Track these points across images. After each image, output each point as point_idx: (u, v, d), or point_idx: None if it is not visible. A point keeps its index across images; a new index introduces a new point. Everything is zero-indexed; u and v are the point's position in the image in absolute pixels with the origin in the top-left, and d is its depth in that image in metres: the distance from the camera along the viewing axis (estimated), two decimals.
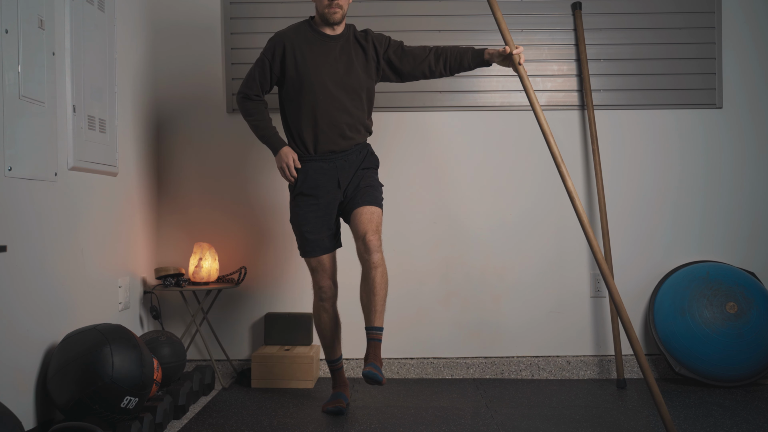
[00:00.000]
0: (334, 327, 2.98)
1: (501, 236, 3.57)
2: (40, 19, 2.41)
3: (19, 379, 2.29)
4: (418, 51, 2.91)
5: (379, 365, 2.72)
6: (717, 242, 3.55)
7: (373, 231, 2.76)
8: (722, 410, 2.90)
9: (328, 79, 2.83)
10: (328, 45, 2.86)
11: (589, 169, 3.56)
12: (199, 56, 3.58)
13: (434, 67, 2.90)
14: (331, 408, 2.88)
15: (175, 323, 3.56)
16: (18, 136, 2.27)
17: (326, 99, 2.83)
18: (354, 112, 2.87)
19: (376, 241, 2.75)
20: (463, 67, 2.90)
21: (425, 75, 2.94)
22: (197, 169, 3.59)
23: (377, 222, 2.80)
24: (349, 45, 2.89)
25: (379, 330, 2.79)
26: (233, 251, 3.58)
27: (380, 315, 2.78)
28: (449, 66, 2.90)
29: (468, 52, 2.87)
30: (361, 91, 2.88)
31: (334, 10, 2.80)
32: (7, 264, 2.22)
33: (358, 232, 2.79)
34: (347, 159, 2.88)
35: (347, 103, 2.85)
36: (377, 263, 2.74)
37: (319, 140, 2.86)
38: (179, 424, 2.76)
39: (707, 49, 3.55)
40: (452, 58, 2.88)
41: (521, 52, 2.72)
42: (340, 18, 2.84)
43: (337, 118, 2.84)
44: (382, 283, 2.76)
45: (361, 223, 2.78)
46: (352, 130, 2.88)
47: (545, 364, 3.54)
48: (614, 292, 2.53)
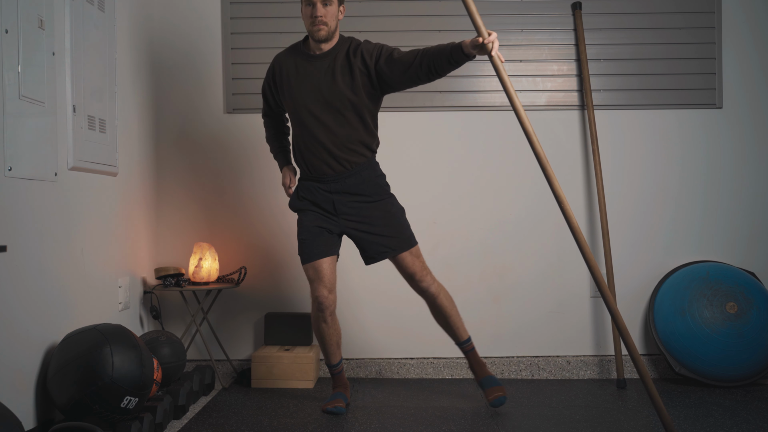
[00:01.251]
0: (333, 336, 2.96)
1: (501, 236, 3.57)
2: (40, 19, 2.41)
3: (19, 379, 2.29)
4: (407, 57, 2.70)
5: (488, 373, 2.99)
6: (717, 242, 3.56)
7: (420, 270, 2.89)
8: (722, 410, 2.90)
9: (310, 101, 2.82)
10: (315, 65, 2.82)
11: (589, 169, 3.56)
12: (199, 56, 3.58)
13: (420, 71, 2.67)
14: (331, 408, 2.88)
15: (175, 323, 3.56)
16: (18, 136, 2.27)
17: (310, 120, 2.83)
18: (339, 131, 2.81)
19: (426, 276, 2.91)
20: (443, 64, 2.62)
21: (414, 81, 2.73)
22: (197, 169, 3.59)
23: (418, 256, 2.91)
24: (336, 62, 2.79)
25: (469, 340, 3.03)
26: (233, 251, 3.58)
27: (462, 328, 3.00)
28: (433, 67, 2.64)
29: (447, 47, 2.61)
30: (346, 109, 2.80)
31: (318, 27, 2.75)
32: (7, 264, 2.22)
33: (406, 274, 2.92)
34: (344, 182, 2.84)
35: (331, 123, 2.81)
36: (436, 292, 2.92)
37: (310, 162, 2.87)
38: (179, 424, 2.76)
39: (707, 49, 3.55)
40: (435, 58, 2.63)
41: (494, 39, 2.42)
42: (326, 35, 2.77)
43: (321, 138, 2.82)
44: (449, 305, 2.96)
45: (406, 267, 2.89)
46: (342, 151, 2.82)
47: (545, 364, 3.54)
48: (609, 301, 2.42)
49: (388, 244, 2.86)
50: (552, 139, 3.55)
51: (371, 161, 2.90)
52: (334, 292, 2.88)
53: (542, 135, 3.56)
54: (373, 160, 2.92)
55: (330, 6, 2.75)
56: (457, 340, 3.01)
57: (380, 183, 2.91)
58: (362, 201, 2.86)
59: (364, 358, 3.55)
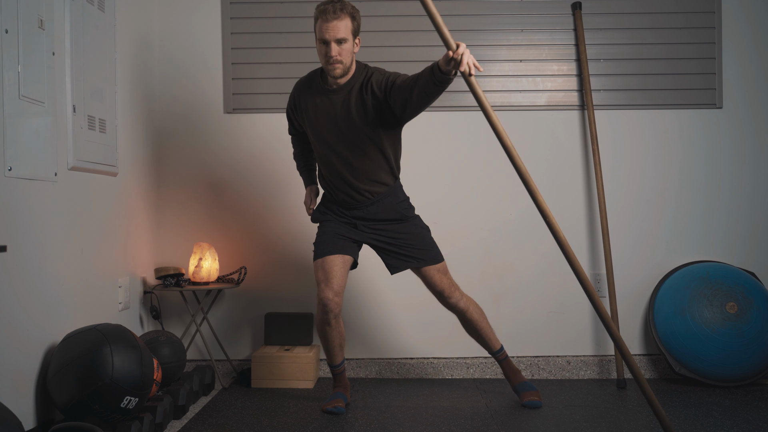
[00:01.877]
0: (336, 339, 2.95)
1: (501, 236, 3.57)
2: (40, 19, 2.41)
3: (19, 379, 2.29)
4: (406, 86, 2.59)
5: (523, 379, 3.04)
6: (717, 242, 3.55)
7: (447, 288, 2.93)
8: (722, 410, 2.90)
9: (330, 136, 2.82)
10: (331, 99, 2.80)
11: (589, 169, 3.56)
12: (199, 56, 3.58)
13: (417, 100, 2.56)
14: (331, 408, 2.88)
15: (175, 323, 3.56)
16: (18, 136, 2.27)
17: (330, 155, 2.84)
18: (360, 166, 2.81)
19: (454, 292, 2.94)
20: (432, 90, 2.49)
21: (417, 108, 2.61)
22: (197, 169, 3.59)
23: (446, 273, 2.94)
24: (351, 97, 2.76)
25: (501, 350, 3.07)
26: (233, 251, 3.58)
27: (494, 339, 3.05)
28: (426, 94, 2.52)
29: (429, 70, 2.47)
30: (364, 143, 2.78)
31: (333, 66, 2.71)
32: (7, 264, 2.22)
33: (434, 291, 2.96)
34: (366, 210, 2.88)
35: (351, 158, 2.81)
36: (465, 307, 2.97)
37: (332, 191, 2.91)
38: (179, 424, 2.76)
39: (707, 49, 3.55)
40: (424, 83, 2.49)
41: (463, 51, 2.27)
42: (341, 72, 2.72)
43: (341, 170, 2.84)
44: (480, 317, 3.01)
45: (435, 285, 2.93)
46: (363, 183, 2.83)
47: (545, 364, 3.54)
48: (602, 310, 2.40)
49: (413, 255, 2.90)
50: (552, 139, 3.55)
51: (393, 188, 2.91)
52: (341, 296, 2.85)
53: (542, 135, 3.56)
54: (396, 187, 2.92)
55: (345, 44, 2.69)
56: (490, 350, 3.06)
57: (402, 208, 2.92)
58: (385, 225, 2.90)
59: (364, 358, 3.55)
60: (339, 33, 2.67)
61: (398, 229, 2.89)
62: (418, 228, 2.93)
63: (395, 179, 2.92)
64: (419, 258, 2.90)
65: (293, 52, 3.53)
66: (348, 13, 2.69)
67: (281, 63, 3.55)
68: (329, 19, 2.66)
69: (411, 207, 2.97)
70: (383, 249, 2.93)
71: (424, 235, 2.93)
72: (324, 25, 2.67)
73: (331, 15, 2.66)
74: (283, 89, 3.54)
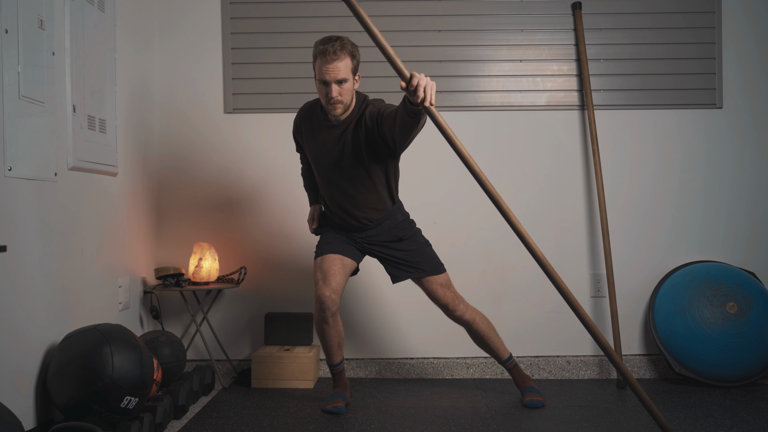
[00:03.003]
0: (335, 337, 2.95)
1: (501, 236, 3.57)
2: (40, 19, 2.41)
3: (19, 379, 2.29)
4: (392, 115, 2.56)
5: (531, 384, 3.04)
6: (717, 242, 3.55)
7: (452, 300, 2.94)
8: (722, 410, 2.90)
9: (328, 170, 2.84)
10: (330, 133, 2.82)
11: (589, 169, 3.56)
12: (199, 56, 3.58)
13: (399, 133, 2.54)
14: (331, 408, 2.88)
15: (175, 323, 3.56)
16: (18, 136, 2.27)
17: (329, 185, 2.87)
18: (358, 196, 2.84)
19: (459, 305, 2.95)
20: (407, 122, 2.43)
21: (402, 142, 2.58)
22: (197, 169, 3.59)
23: (448, 286, 2.95)
24: (347, 134, 2.77)
25: (510, 358, 3.07)
26: (233, 251, 3.58)
27: (503, 348, 3.05)
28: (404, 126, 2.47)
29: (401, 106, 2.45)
30: (363, 178, 2.80)
31: (333, 107, 2.72)
32: (7, 264, 2.22)
33: (439, 305, 2.97)
34: (366, 233, 2.92)
35: (349, 189, 2.84)
36: (471, 319, 2.98)
37: (333, 216, 2.94)
38: (179, 424, 2.76)
39: (707, 49, 3.55)
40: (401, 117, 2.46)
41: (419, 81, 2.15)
42: (342, 111, 2.73)
43: (342, 202, 2.87)
44: (487, 328, 3.02)
45: (439, 299, 2.95)
46: (362, 211, 2.87)
47: (545, 364, 3.54)
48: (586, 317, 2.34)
49: (413, 266, 2.92)
50: (552, 139, 3.55)
51: (392, 212, 2.93)
52: (338, 294, 2.85)
53: (542, 135, 3.56)
54: (394, 210, 2.94)
55: (345, 84, 2.69)
56: (499, 360, 3.07)
57: (400, 229, 2.94)
58: (385, 244, 2.93)
59: (364, 358, 3.55)
60: (339, 74, 2.65)
61: (397, 247, 2.93)
62: (417, 244, 2.95)
63: (394, 202, 2.94)
64: (420, 269, 2.92)
65: (293, 52, 3.53)
66: (348, 52, 2.66)
67: (281, 63, 3.55)
68: (329, 60, 2.63)
69: (411, 224, 2.98)
70: (384, 260, 2.97)
71: (424, 249, 2.95)
72: (324, 67, 2.65)
73: (331, 56, 2.63)
74: (283, 89, 3.54)
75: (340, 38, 2.67)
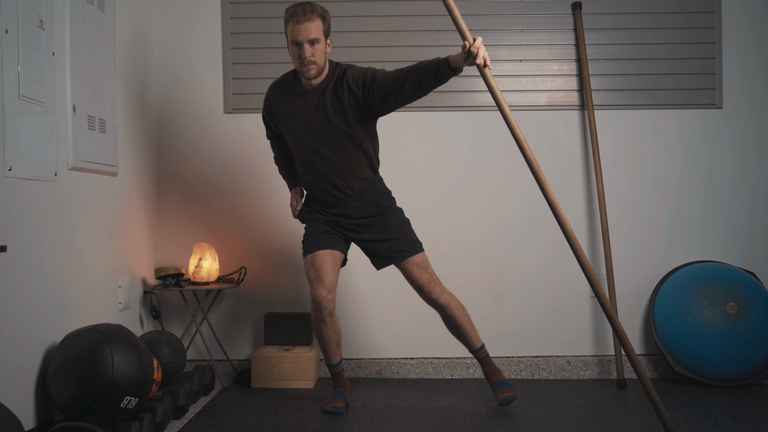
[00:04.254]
0: (333, 337, 2.96)
1: (501, 236, 3.57)
2: (40, 19, 2.41)
3: (19, 379, 2.29)
4: (390, 78, 2.66)
5: (501, 377, 2.98)
6: (717, 242, 3.55)
7: (428, 281, 2.89)
8: (722, 410, 2.90)
9: (308, 137, 2.84)
10: (306, 100, 2.83)
11: (589, 169, 3.56)
12: (199, 56, 3.58)
13: (408, 91, 2.63)
14: (331, 408, 2.88)
15: (175, 323, 3.56)
16: (18, 136, 2.27)
17: (309, 154, 2.86)
18: (339, 163, 2.84)
19: (435, 287, 2.90)
20: (429, 81, 2.58)
21: (403, 101, 2.68)
22: (197, 169, 3.59)
23: (426, 268, 2.90)
24: (326, 96, 2.79)
25: (482, 348, 3.02)
26: (233, 251, 3.58)
27: (475, 336, 3.00)
28: (419, 84, 2.59)
29: (433, 62, 2.56)
30: (342, 141, 2.81)
31: (307, 67, 2.74)
32: (7, 264, 2.22)
33: (414, 286, 2.92)
34: (348, 207, 2.90)
35: (330, 156, 2.84)
36: (446, 303, 2.92)
37: (314, 190, 2.93)
38: (179, 424, 2.76)
39: (707, 49, 3.55)
40: (420, 74, 2.58)
41: (479, 45, 2.38)
42: (316, 73, 2.76)
43: (323, 171, 2.86)
44: (461, 314, 2.96)
45: (414, 279, 2.90)
46: (344, 180, 2.86)
47: (545, 364, 3.54)
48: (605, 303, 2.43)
49: (395, 247, 2.89)
50: (552, 139, 3.55)
51: (374, 182, 2.93)
52: (334, 293, 2.87)
53: (542, 135, 3.56)
54: (376, 181, 2.95)
55: (318, 44, 2.73)
56: (471, 348, 3.03)
57: (384, 200, 2.94)
58: (367, 221, 2.91)
59: (364, 358, 3.55)
60: (311, 34, 2.70)
61: (381, 222, 2.91)
62: (399, 220, 2.94)
63: (375, 173, 2.94)
64: (401, 249, 2.89)
65: None
66: (318, 14, 2.72)
67: (281, 63, 3.54)
68: (300, 21, 2.69)
69: (393, 199, 2.99)
70: (366, 245, 2.94)
71: (406, 227, 2.94)
72: (296, 27, 2.70)
73: (302, 17, 2.69)
74: None
75: (310, 2, 2.75)
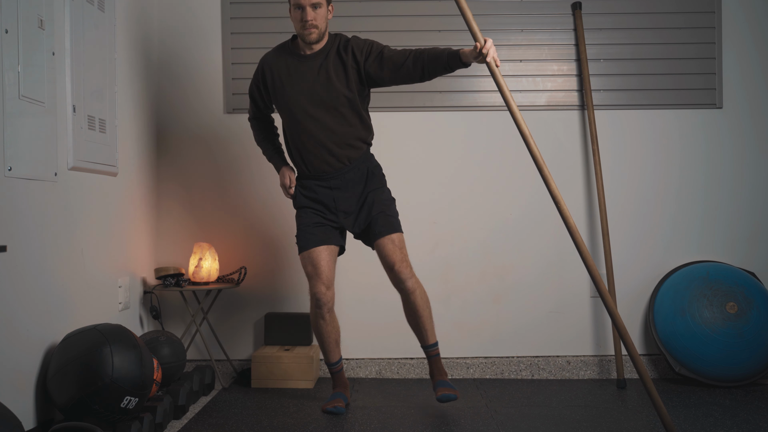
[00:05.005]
0: (332, 333, 2.96)
1: (501, 236, 3.57)
2: (40, 19, 2.41)
3: (19, 379, 2.29)
4: (398, 55, 2.76)
5: (445, 378, 2.91)
6: (717, 242, 3.55)
7: (400, 260, 2.84)
8: (722, 410, 2.90)
9: (307, 102, 2.83)
10: (307, 65, 2.83)
11: (589, 169, 3.56)
12: (199, 56, 3.58)
13: (413, 71, 2.75)
14: (331, 408, 2.88)
15: (175, 323, 3.56)
16: (18, 136, 2.27)
17: (308, 121, 2.84)
18: (339, 130, 2.84)
19: (406, 268, 2.84)
20: (438, 69, 2.72)
21: (405, 80, 2.80)
22: (197, 169, 3.59)
23: (401, 249, 2.86)
24: (328, 61, 2.81)
25: (435, 345, 2.95)
26: (233, 251, 3.58)
27: (431, 331, 2.93)
28: (427, 70, 2.73)
29: (444, 53, 2.69)
30: (343, 106, 2.82)
31: (308, 31, 2.76)
32: (7, 264, 2.22)
33: (386, 264, 2.86)
34: (343, 177, 2.87)
35: (330, 122, 2.83)
36: (412, 288, 2.85)
37: (309, 161, 2.89)
38: (179, 424, 2.76)
39: (707, 49, 3.55)
40: (429, 61, 2.71)
41: (490, 46, 2.52)
42: (317, 37, 2.78)
43: (322, 138, 2.84)
44: (424, 304, 2.89)
45: (387, 256, 2.85)
46: (341, 148, 2.86)
47: (545, 364, 3.54)
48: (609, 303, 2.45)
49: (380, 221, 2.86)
50: (552, 139, 3.55)
51: (367, 153, 2.95)
52: (333, 289, 2.88)
53: (542, 135, 3.56)
54: (369, 152, 2.96)
55: (320, 9, 2.75)
56: (424, 343, 2.94)
57: (378, 173, 2.95)
58: (360, 192, 2.90)
59: (364, 358, 3.55)
60: None
61: (372, 196, 2.89)
62: (387, 197, 2.94)
63: (369, 145, 2.96)
64: (384, 225, 2.85)
65: None
66: None
67: None
68: None
69: (384, 175, 2.99)
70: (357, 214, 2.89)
71: (392, 205, 2.93)
72: None
73: None
74: None
75: None
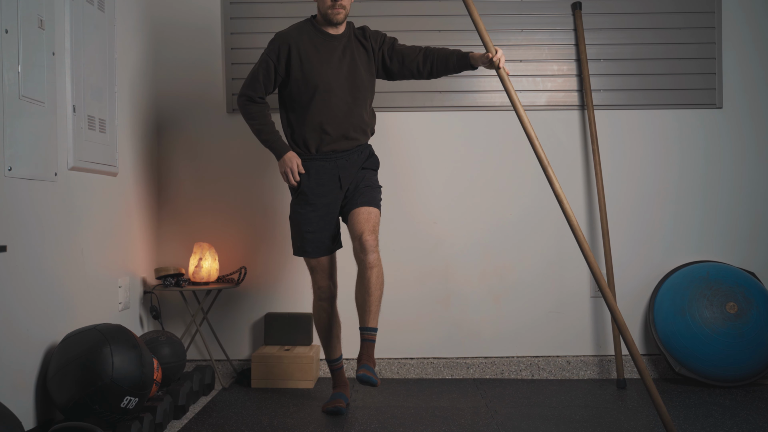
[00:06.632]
0: (333, 326, 2.98)
1: (501, 236, 3.57)
2: (40, 19, 2.41)
3: (19, 379, 2.29)
4: (408, 50, 2.90)
5: (372, 366, 2.70)
6: (717, 242, 3.55)
7: (369, 231, 2.76)
8: (722, 410, 2.90)
9: (334, 81, 2.82)
10: (332, 45, 2.85)
11: (589, 169, 3.56)
12: (199, 56, 3.58)
13: (422, 68, 2.88)
14: (331, 408, 2.88)
15: (175, 323, 3.56)
16: (18, 136, 2.27)
17: (332, 100, 2.83)
18: (358, 113, 2.87)
19: (373, 241, 2.75)
20: (448, 69, 2.88)
21: (413, 75, 2.93)
22: (197, 169, 3.59)
23: (374, 222, 2.80)
24: (351, 44, 2.88)
25: (374, 330, 2.77)
26: (233, 251, 3.58)
27: (375, 315, 2.78)
28: (436, 68, 2.88)
29: (454, 55, 2.84)
30: (366, 91, 2.89)
31: (337, 11, 2.79)
32: (7, 264, 2.22)
33: (354, 231, 2.79)
34: (349, 158, 2.88)
35: (352, 104, 2.85)
36: (373, 263, 2.74)
37: (323, 141, 2.85)
38: (179, 424, 2.76)
39: (707, 49, 3.55)
40: (438, 61, 2.86)
41: (501, 56, 2.69)
42: (344, 18, 2.84)
43: (343, 120, 2.84)
44: (378, 284, 2.76)
45: (358, 223, 2.78)
46: (357, 131, 2.88)
47: (545, 364, 3.54)
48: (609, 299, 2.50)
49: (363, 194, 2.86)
50: (552, 139, 3.55)
51: (368, 144, 3.00)
52: (335, 281, 2.92)
53: (542, 135, 3.55)
54: (369, 144, 3.02)
55: None
56: (363, 324, 2.76)
57: (375, 159, 3.00)
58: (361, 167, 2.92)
59: None
60: None
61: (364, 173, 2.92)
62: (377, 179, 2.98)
63: (372, 133, 3.01)
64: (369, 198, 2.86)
65: None
66: None
67: None
68: None
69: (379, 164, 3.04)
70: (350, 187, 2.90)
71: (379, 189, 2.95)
72: None
73: None
74: None
75: None
